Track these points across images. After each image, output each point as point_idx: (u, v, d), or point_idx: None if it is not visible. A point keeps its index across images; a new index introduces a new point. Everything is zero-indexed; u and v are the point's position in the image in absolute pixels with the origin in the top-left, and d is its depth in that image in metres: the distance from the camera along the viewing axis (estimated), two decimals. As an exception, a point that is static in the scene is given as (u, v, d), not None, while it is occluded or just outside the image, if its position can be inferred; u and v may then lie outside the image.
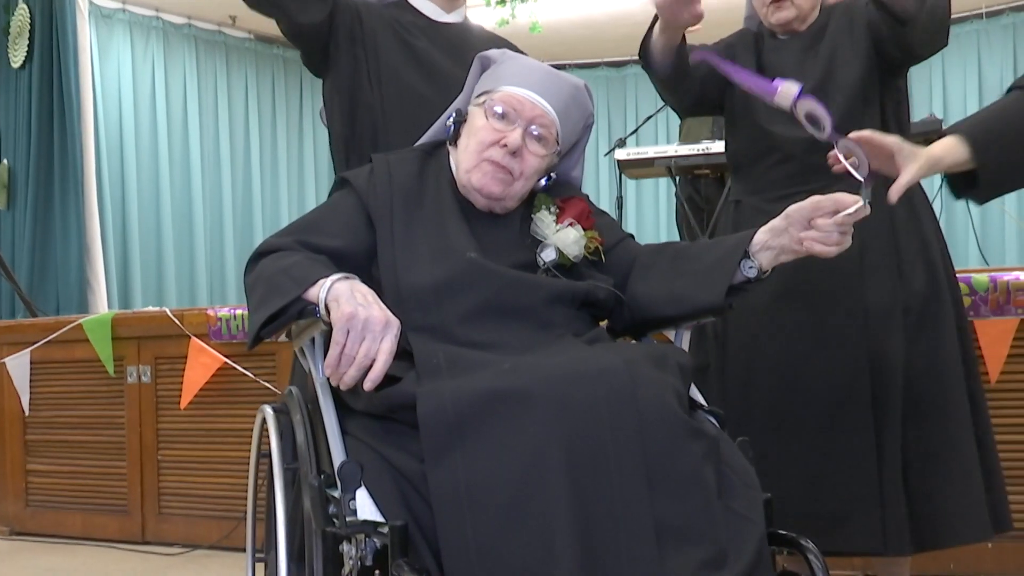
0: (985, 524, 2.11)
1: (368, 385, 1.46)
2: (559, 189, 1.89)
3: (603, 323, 1.86)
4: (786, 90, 1.70)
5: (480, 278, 1.68)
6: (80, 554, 3.87)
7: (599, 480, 1.37)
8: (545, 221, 1.81)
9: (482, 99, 1.83)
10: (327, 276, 1.55)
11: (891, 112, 2.22)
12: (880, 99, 2.19)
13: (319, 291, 1.53)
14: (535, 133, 1.79)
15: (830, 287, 2.13)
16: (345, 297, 1.49)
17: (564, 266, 1.79)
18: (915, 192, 2.21)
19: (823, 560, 1.48)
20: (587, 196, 1.95)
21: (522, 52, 2.28)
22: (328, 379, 1.54)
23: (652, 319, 1.84)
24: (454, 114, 1.86)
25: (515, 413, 1.39)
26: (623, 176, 4.93)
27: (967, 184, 1.89)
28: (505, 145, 1.76)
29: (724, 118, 2.36)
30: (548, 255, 1.78)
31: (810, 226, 1.68)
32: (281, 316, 1.57)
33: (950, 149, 1.83)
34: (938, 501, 2.07)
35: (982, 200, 1.94)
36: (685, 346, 1.86)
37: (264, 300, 1.62)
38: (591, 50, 9.19)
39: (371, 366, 1.46)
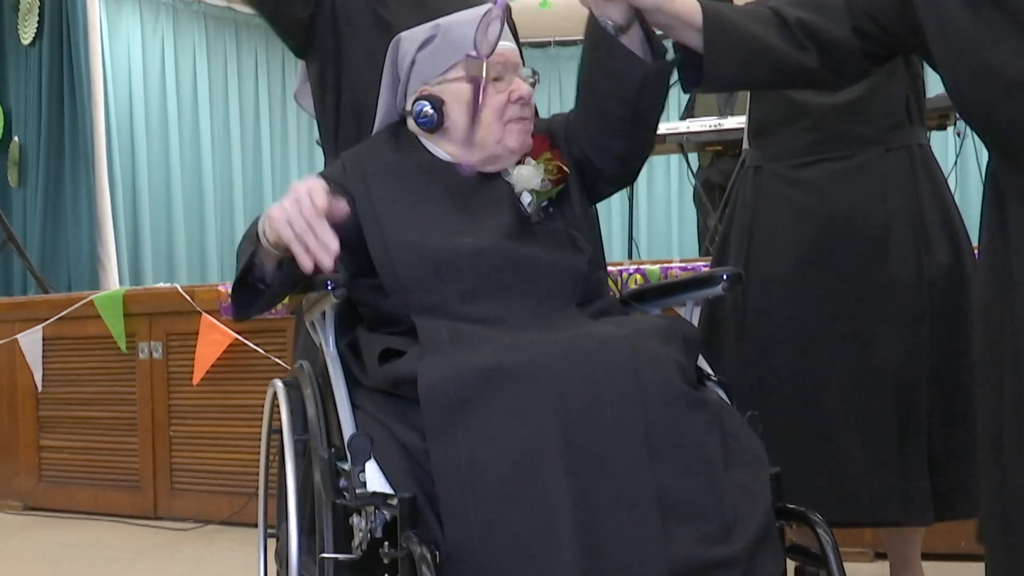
0: None
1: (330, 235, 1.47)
2: None
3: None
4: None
5: (480, 262, 1.67)
6: (92, 529, 3.90)
7: (599, 454, 1.37)
8: (509, 168, 1.81)
9: (454, 73, 1.79)
10: None
11: (911, 89, 2.20)
12: (904, 73, 2.17)
13: (260, 230, 1.58)
14: (519, 72, 1.82)
15: (853, 257, 2.11)
16: (270, 210, 1.52)
17: (550, 198, 1.79)
18: (935, 165, 2.20)
19: (832, 533, 1.47)
20: (541, 119, 1.92)
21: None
22: (336, 351, 1.55)
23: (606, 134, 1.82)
24: (426, 103, 1.80)
25: (515, 389, 1.39)
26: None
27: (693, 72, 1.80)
28: (520, 97, 1.78)
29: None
30: (526, 199, 1.77)
31: None
32: (250, 274, 1.65)
33: (685, 2, 1.72)
34: (962, 471, 2.06)
35: (706, 88, 1.84)
36: (694, 320, 1.85)
37: (236, 270, 1.67)
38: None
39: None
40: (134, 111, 7.45)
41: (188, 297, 3.83)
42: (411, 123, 1.85)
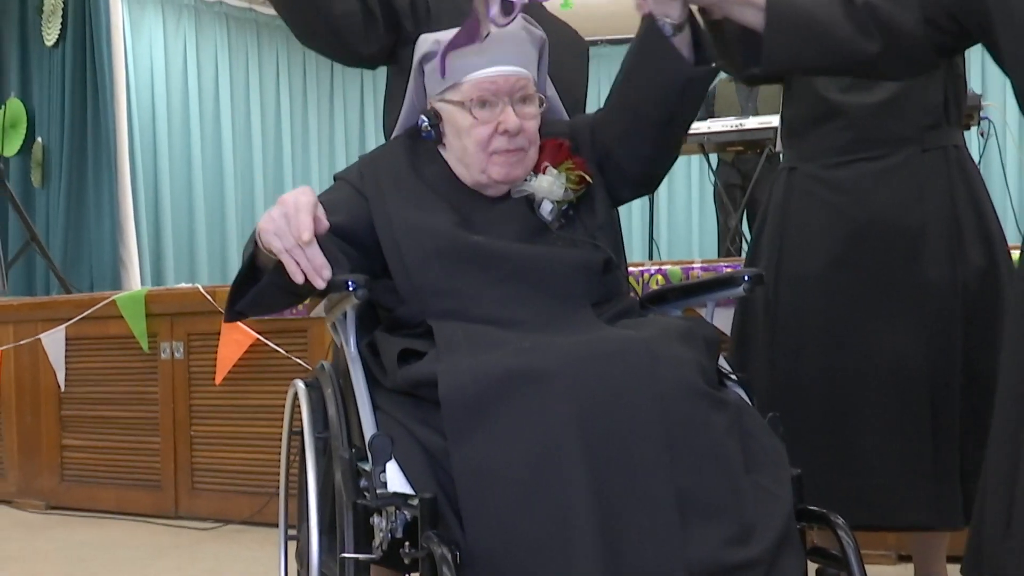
0: None
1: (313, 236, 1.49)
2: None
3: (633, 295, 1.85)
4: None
5: (494, 260, 1.68)
6: (114, 528, 3.92)
7: (618, 456, 1.37)
8: (525, 179, 1.79)
9: (451, 95, 1.76)
10: None
11: (951, 89, 2.18)
12: (943, 72, 2.14)
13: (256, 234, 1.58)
14: (521, 99, 1.76)
15: (887, 258, 2.09)
16: (261, 220, 1.53)
17: (571, 206, 1.78)
18: (971, 167, 2.18)
19: (854, 536, 1.46)
20: (554, 121, 1.91)
21: (586, 43, 2.29)
22: (357, 351, 1.54)
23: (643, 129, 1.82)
24: (425, 118, 1.80)
25: (534, 392, 1.39)
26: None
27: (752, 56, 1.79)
28: (506, 131, 1.72)
29: (783, 85, 2.32)
30: (546, 208, 1.76)
31: None
32: (247, 278, 1.64)
33: None
34: None
35: (765, 68, 1.80)
36: (720, 323, 1.84)
37: (237, 278, 1.66)
38: (622, 26, 9.07)
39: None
40: (156, 112, 7.49)
41: (209, 297, 3.84)
42: None
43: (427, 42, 1.82)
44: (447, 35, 1.76)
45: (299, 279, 1.51)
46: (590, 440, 1.36)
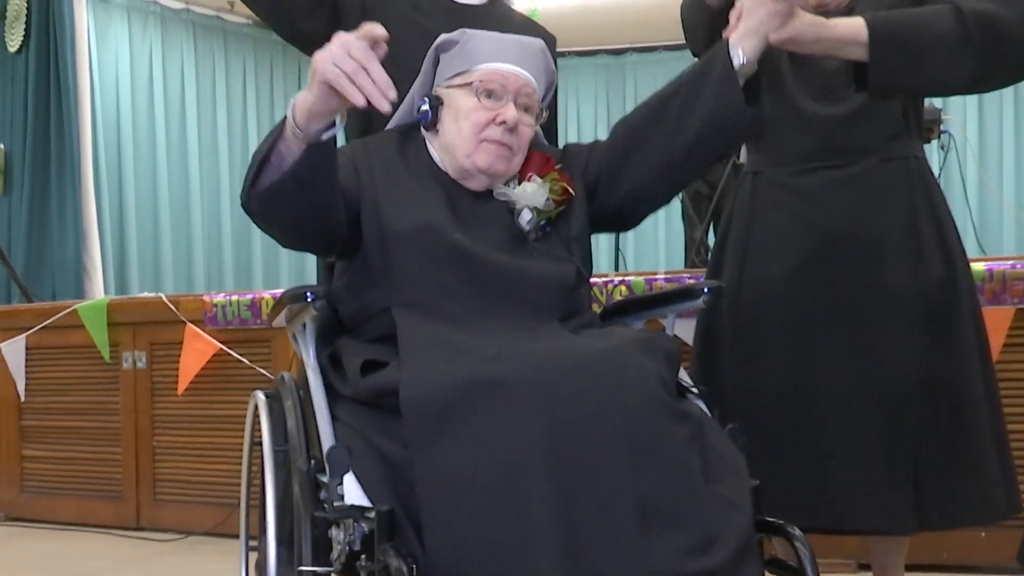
0: (999, 505, 2.11)
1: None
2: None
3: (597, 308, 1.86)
4: None
5: (466, 255, 1.69)
6: (75, 540, 3.88)
7: (582, 467, 1.37)
8: (508, 185, 1.81)
9: (459, 79, 1.81)
10: None
11: (910, 101, 2.21)
12: None
13: (289, 108, 1.58)
14: (523, 105, 1.80)
15: (848, 268, 2.12)
16: (315, 56, 1.51)
17: (550, 218, 1.79)
18: (931, 178, 2.21)
19: (810, 547, 1.48)
20: (551, 146, 1.94)
21: (552, 37, 2.27)
22: (316, 362, 1.53)
23: (677, 162, 1.85)
24: (426, 100, 1.84)
25: (498, 401, 1.39)
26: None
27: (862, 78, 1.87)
28: (503, 122, 1.75)
29: None
30: (526, 216, 1.77)
31: None
32: (269, 160, 1.61)
33: (848, 22, 1.82)
34: (952, 482, 2.07)
35: (876, 94, 1.90)
36: (684, 333, 1.85)
37: (254, 158, 1.64)
38: (590, 37, 9.15)
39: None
40: (121, 119, 7.43)
41: (172, 307, 3.82)
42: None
43: (447, 37, 1.87)
44: (463, 31, 1.84)
45: (361, 102, 1.46)
46: (553, 449, 1.37)
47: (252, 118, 8.56)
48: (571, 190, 1.81)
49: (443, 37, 1.88)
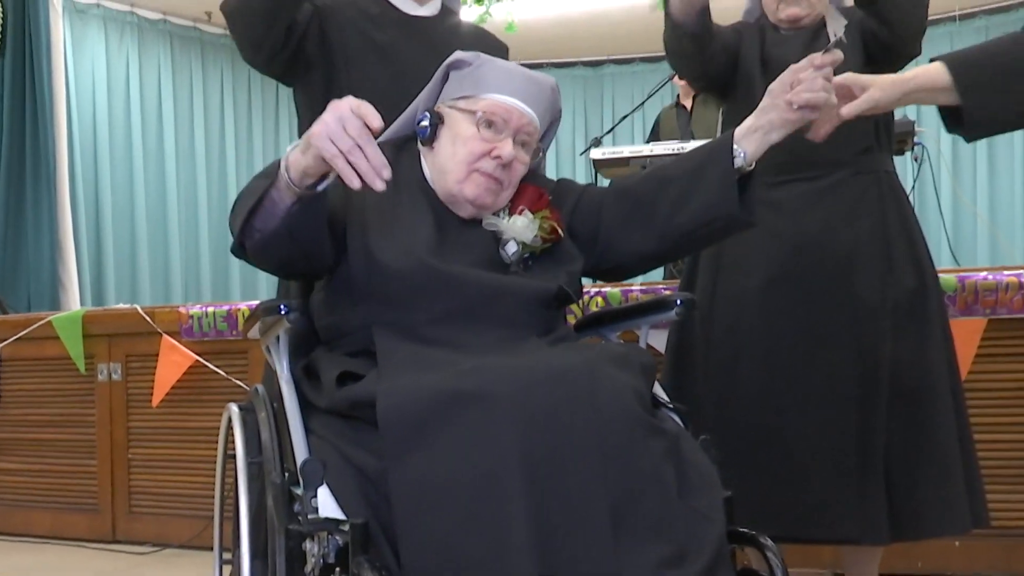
0: (964, 518, 2.13)
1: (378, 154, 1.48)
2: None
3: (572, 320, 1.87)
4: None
5: (452, 282, 1.68)
6: (49, 553, 3.85)
7: (556, 480, 1.37)
8: (498, 215, 1.81)
9: (464, 103, 1.80)
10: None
11: (880, 117, 2.23)
12: None
13: (283, 163, 1.56)
14: (521, 142, 1.79)
15: (820, 279, 2.14)
16: (307, 135, 1.51)
17: (533, 253, 1.79)
18: (901, 192, 2.23)
19: (781, 556, 1.49)
20: (543, 176, 1.95)
21: (503, 45, 2.28)
22: (290, 375, 1.53)
23: (661, 249, 1.87)
24: (428, 115, 1.83)
25: (474, 414, 1.39)
26: (599, 175, 4.94)
27: (956, 121, 1.84)
28: (498, 157, 1.75)
29: (724, 103, 2.36)
30: (511, 248, 1.78)
31: (793, 88, 1.72)
32: (261, 205, 1.61)
33: (926, 70, 1.80)
34: (919, 493, 2.09)
35: (971, 136, 1.86)
36: (657, 342, 1.86)
37: (243, 203, 1.64)
38: (567, 49, 9.20)
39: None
40: (98, 129, 7.41)
41: (148, 318, 3.80)
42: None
43: (464, 52, 1.87)
44: (478, 54, 1.84)
45: (356, 184, 1.47)
46: (529, 462, 1.37)
47: (230, 129, 8.55)
48: (560, 230, 1.81)
49: (457, 55, 1.87)
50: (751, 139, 1.76)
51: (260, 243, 1.64)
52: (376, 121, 1.47)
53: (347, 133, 1.47)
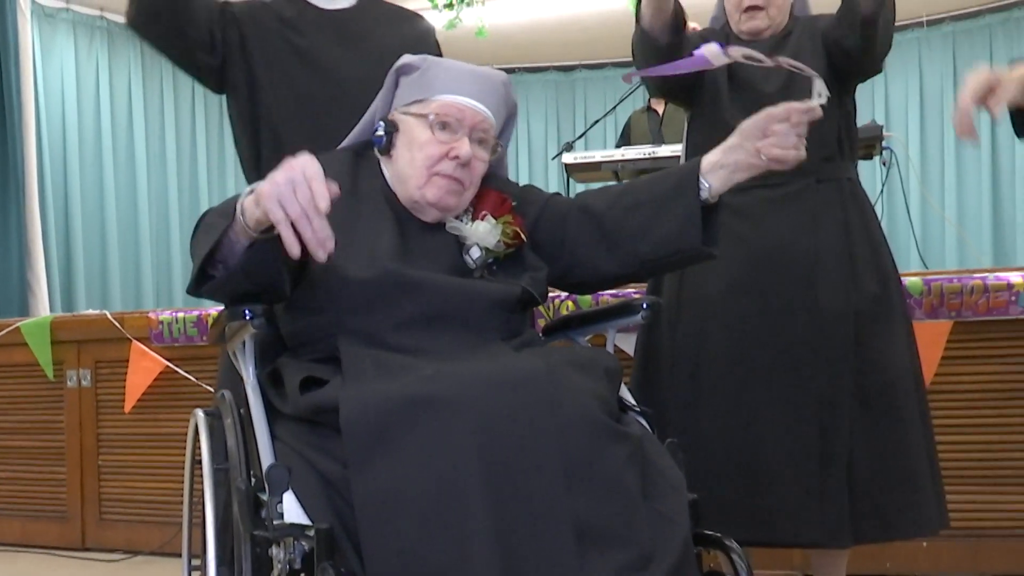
0: (933, 519, 2.15)
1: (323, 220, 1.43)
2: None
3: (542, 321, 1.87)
4: (710, 50, 1.73)
5: (416, 287, 1.68)
6: (19, 561, 3.82)
7: (518, 485, 1.37)
8: (460, 220, 1.81)
9: (416, 108, 1.80)
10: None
11: (843, 126, 2.25)
12: (836, 110, 2.21)
13: (239, 207, 1.53)
14: (478, 139, 1.79)
15: (783, 285, 2.16)
16: (259, 186, 1.47)
17: (497, 258, 1.79)
18: (864, 200, 2.25)
19: (747, 559, 1.50)
20: (507, 180, 1.95)
21: (430, 27, 2.29)
22: (256, 380, 1.52)
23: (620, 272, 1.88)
24: (382, 124, 1.83)
25: (437, 419, 1.40)
26: (571, 180, 4.96)
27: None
28: (456, 157, 1.75)
29: (691, 110, 2.37)
30: (474, 253, 1.78)
31: (765, 136, 1.72)
32: (218, 250, 1.59)
33: None
34: (887, 497, 2.11)
35: None
36: (625, 344, 1.87)
37: (201, 245, 1.62)
38: (539, 54, 9.21)
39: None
40: (67, 134, 7.35)
41: (118, 324, 3.78)
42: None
43: (410, 57, 1.86)
44: (424, 57, 1.84)
45: (296, 252, 1.44)
46: (491, 469, 1.37)
47: (201, 133, 8.50)
48: (523, 235, 1.82)
49: (405, 59, 1.87)
50: (717, 175, 1.77)
51: (216, 285, 1.61)
52: (324, 202, 1.41)
53: (296, 199, 1.42)
